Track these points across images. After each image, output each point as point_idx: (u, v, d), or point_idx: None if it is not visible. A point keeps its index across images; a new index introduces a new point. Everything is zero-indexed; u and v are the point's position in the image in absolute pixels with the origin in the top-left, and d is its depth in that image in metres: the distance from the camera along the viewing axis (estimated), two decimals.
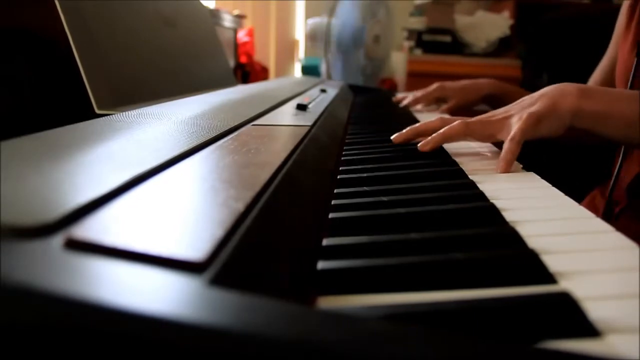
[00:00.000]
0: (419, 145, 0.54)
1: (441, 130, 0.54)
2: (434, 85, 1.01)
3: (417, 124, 0.59)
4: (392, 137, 0.59)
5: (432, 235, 0.31)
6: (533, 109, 0.51)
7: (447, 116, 0.59)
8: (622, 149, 0.70)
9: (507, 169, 0.48)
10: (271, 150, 0.39)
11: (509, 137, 0.50)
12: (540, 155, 0.51)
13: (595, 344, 0.20)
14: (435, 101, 1.02)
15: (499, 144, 0.60)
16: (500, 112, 0.55)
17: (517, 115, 0.52)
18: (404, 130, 0.59)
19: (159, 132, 0.40)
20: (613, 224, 0.32)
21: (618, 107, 0.51)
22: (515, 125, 0.51)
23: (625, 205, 0.72)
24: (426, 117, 0.89)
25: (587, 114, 0.51)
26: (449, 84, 1.00)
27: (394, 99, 1.09)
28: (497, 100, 0.97)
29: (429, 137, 0.54)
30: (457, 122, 0.54)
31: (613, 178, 0.70)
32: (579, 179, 0.87)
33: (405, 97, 1.07)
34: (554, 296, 0.23)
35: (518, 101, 0.56)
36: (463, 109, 0.99)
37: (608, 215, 0.73)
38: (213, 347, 0.14)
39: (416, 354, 0.15)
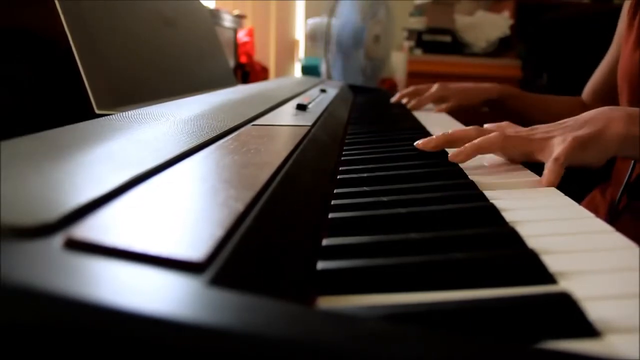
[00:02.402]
0: (450, 155, 0.50)
1: (476, 141, 0.50)
2: (436, 86, 1.01)
3: (451, 131, 0.54)
4: (419, 143, 0.54)
5: (432, 236, 0.31)
6: (579, 133, 0.48)
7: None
8: None
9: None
10: (271, 150, 0.39)
11: (553, 157, 0.46)
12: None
13: (595, 344, 0.20)
14: (435, 100, 1.02)
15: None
16: (541, 130, 0.51)
17: (560, 137, 0.49)
18: (434, 136, 0.54)
19: (159, 132, 0.40)
20: (617, 221, 0.32)
21: None
22: (559, 147, 0.47)
23: (626, 204, 0.72)
24: (427, 117, 0.89)
25: (634, 141, 0.48)
26: (452, 85, 1.00)
27: (393, 99, 1.09)
28: (499, 105, 0.97)
29: (462, 147, 0.50)
30: (495, 134, 0.50)
31: (627, 176, 0.69)
32: (579, 179, 0.87)
33: (404, 95, 1.07)
34: (553, 296, 0.23)
35: (560, 122, 0.52)
36: (465, 111, 0.99)
37: (614, 212, 0.72)
38: (213, 347, 0.14)
39: (416, 354, 0.15)
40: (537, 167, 0.49)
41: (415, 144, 0.55)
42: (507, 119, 0.58)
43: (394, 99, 1.08)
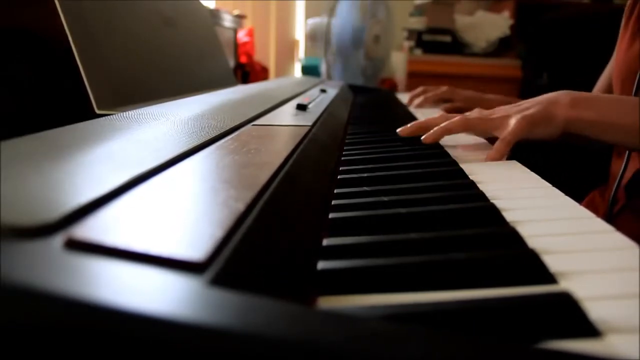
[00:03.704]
0: (422, 138, 0.58)
1: (443, 124, 0.57)
2: (445, 88, 1.03)
3: (421, 120, 0.62)
4: (397, 130, 0.62)
5: (432, 236, 0.31)
6: (529, 112, 0.55)
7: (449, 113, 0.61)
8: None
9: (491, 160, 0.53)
10: (271, 150, 0.38)
11: (502, 137, 0.54)
12: (540, 155, 0.51)
13: (596, 344, 0.20)
14: (440, 101, 1.02)
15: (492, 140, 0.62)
16: (500, 111, 0.58)
17: (514, 116, 0.55)
18: (409, 125, 0.62)
19: (159, 132, 0.40)
20: (613, 223, 0.32)
21: (613, 115, 0.53)
22: (511, 126, 0.54)
23: (624, 204, 0.72)
24: (426, 116, 0.89)
25: (579, 122, 0.54)
26: (461, 91, 1.02)
27: (406, 101, 1.09)
28: None
29: (431, 131, 0.58)
30: (458, 117, 0.58)
31: (618, 177, 0.70)
32: (579, 179, 0.87)
33: (415, 96, 1.08)
34: (554, 296, 0.23)
35: (519, 103, 0.59)
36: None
37: (609, 215, 0.73)
38: (213, 347, 0.14)
39: (416, 354, 0.15)
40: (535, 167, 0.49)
41: (397, 131, 0.62)
42: None
43: (406, 102, 1.08)
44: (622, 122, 0.53)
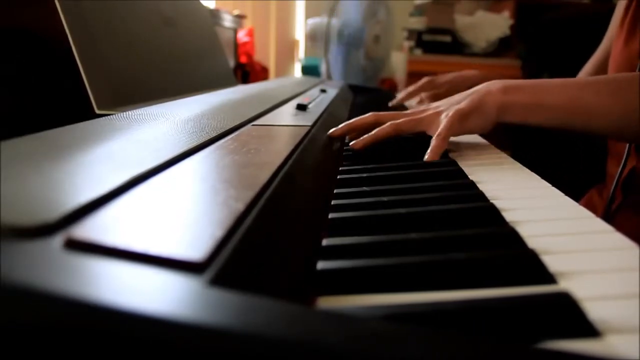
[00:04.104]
0: (350, 143, 0.56)
1: (372, 132, 0.56)
2: (423, 80, 1.03)
3: (352, 120, 0.59)
4: (328, 133, 0.59)
5: (432, 236, 0.31)
6: (461, 105, 0.54)
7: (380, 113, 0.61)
8: (627, 147, 0.70)
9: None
10: (271, 150, 0.39)
11: (436, 134, 0.53)
12: (539, 155, 0.51)
13: (595, 344, 0.20)
14: (430, 98, 1.02)
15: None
16: (431, 108, 0.58)
17: (445, 111, 0.55)
18: (339, 126, 0.59)
19: (159, 132, 0.40)
20: (611, 221, 0.32)
21: (547, 97, 0.53)
22: (443, 121, 0.53)
23: (621, 201, 0.72)
24: None
25: (513, 107, 0.53)
26: (437, 77, 1.02)
27: (391, 103, 1.09)
28: None
29: (360, 139, 0.55)
30: (387, 124, 0.56)
31: (617, 175, 0.70)
32: (577, 179, 0.87)
33: (403, 100, 1.07)
34: (553, 296, 0.23)
35: (449, 97, 0.58)
36: None
37: (607, 213, 0.73)
38: (213, 347, 0.14)
39: (416, 354, 0.15)
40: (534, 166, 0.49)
41: (328, 133, 0.58)
42: None
43: (392, 104, 1.07)
44: (553, 102, 0.52)
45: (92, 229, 0.20)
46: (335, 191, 0.41)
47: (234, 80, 1.13)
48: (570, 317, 0.22)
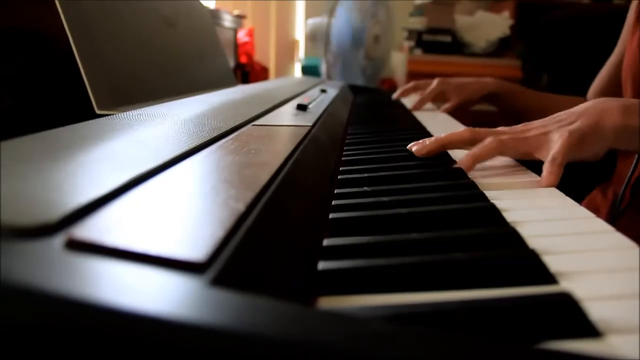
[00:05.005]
0: (455, 165, 0.49)
1: (473, 151, 0.48)
2: (436, 81, 1.01)
3: (444, 135, 0.52)
4: (413, 149, 0.53)
5: (432, 236, 0.31)
6: (574, 126, 0.47)
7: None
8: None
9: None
10: (272, 151, 0.38)
11: (550, 158, 0.45)
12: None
13: (596, 344, 0.20)
14: (436, 97, 1.02)
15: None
16: (535, 127, 0.50)
17: (556, 132, 0.47)
18: (427, 142, 0.52)
19: (159, 132, 0.40)
20: (617, 222, 0.32)
21: None
22: (556, 143, 0.46)
23: (629, 202, 0.72)
24: (426, 117, 0.89)
25: (634, 134, 0.46)
26: (451, 80, 1.00)
27: (395, 95, 1.08)
28: (499, 100, 0.97)
29: (463, 159, 0.48)
30: (490, 140, 0.49)
31: (629, 175, 0.69)
32: (579, 179, 0.87)
33: (406, 91, 1.07)
34: (554, 296, 0.23)
35: (554, 116, 0.51)
36: (463, 108, 0.99)
37: (615, 214, 0.72)
38: (214, 347, 0.14)
39: (417, 354, 0.15)
40: (535, 166, 0.49)
41: (408, 147, 0.54)
42: (506, 114, 0.57)
43: (395, 96, 1.08)
44: None
45: (93, 229, 0.20)
46: (335, 191, 0.41)
47: (234, 80, 1.13)
48: (571, 317, 0.22)
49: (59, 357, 0.14)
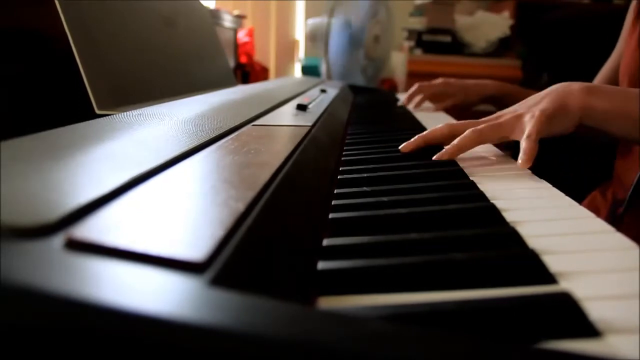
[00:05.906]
0: (434, 157, 0.52)
1: (454, 143, 0.53)
2: (439, 80, 1.02)
3: (425, 132, 0.57)
4: (400, 147, 0.57)
5: (432, 236, 0.31)
6: (543, 106, 0.52)
7: (453, 121, 0.59)
8: None
9: (529, 165, 0.49)
10: (271, 151, 0.39)
11: (526, 135, 0.50)
12: (540, 155, 0.50)
13: (596, 344, 0.20)
14: (435, 96, 1.02)
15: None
16: (508, 113, 0.55)
17: (527, 114, 0.52)
18: (412, 139, 0.57)
19: (159, 132, 0.40)
20: (618, 222, 0.32)
21: (627, 105, 0.51)
22: (529, 123, 0.51)
23: (627, 206, 0.72)
24: (426, 117, 0.89)
25: (595, 111, 0.51)
26: (453, 80, 1.00)
27: (402, 102, 1.08)
28: (500, 102, 0.97)
29: (443, 151, 0.52)
30: (468, 131, 0.53)
31: (636, 179, 0.69)
32: (579, 179, 0.87)
33: (412, 95, 1.07)
34: (554, 296, 0.23)
35: (523, 101, 0.56)
36: (462, 109, 0.99)
37: (613, 214, 0.72)
38: (213, 347, 0.14)
39: (416, 354, 0.15)
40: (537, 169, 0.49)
41: (399, 147, 0.57)
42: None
43: (404, 102, 1.06)
44: (633, 112, 0.51)
45: (93, 229, 0.20)
46: (335, 191, 0.41)
47: (234, 80, 1.13)
48: (570, 317, 0.22)
49: (59, 357, 0.14)
